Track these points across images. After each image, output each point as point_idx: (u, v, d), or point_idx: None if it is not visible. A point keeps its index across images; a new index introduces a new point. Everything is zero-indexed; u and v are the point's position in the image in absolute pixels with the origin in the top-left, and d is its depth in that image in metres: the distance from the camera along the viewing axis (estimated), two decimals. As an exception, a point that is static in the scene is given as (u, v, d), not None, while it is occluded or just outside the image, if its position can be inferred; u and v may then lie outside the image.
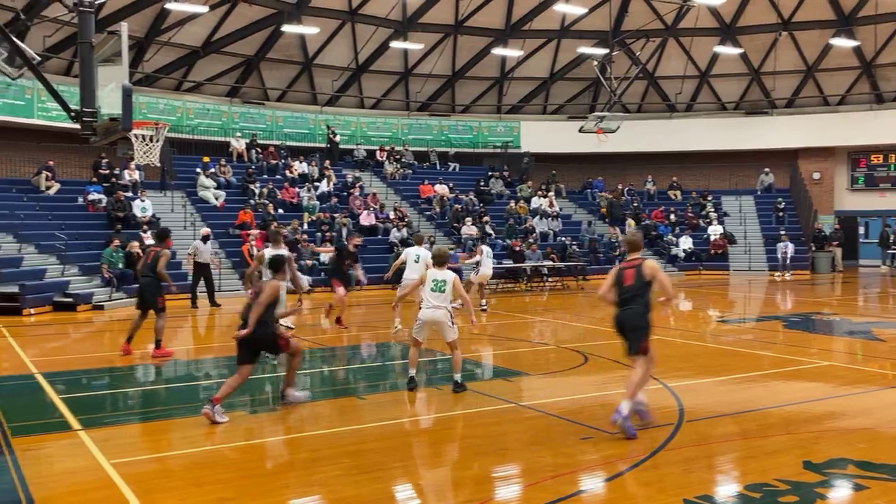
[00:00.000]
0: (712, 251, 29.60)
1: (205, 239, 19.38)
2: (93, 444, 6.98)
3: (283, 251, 10.99)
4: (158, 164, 13.88)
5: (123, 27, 8.42)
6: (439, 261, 9.45)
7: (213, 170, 26.47)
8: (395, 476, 6.26)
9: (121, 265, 19.64)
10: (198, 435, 7.48)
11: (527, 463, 6.60)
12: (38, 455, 6.82)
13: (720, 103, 34.77)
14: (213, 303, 19.01)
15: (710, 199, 32.74)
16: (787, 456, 6.57)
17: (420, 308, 9.38)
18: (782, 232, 29.45)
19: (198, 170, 26.09)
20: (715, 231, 30.24)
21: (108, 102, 8.90)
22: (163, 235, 12.28)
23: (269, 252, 11.07)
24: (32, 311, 17.12)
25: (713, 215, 31.36)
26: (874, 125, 31.42)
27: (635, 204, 32.41)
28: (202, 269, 19.02)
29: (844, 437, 7.16)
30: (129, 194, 23.68)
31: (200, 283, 19.10)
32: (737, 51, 31.73)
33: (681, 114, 35.01)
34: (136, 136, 10.67)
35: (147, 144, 10.52)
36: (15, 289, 17.18)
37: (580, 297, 21.87)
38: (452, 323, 9.13)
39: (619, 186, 33.53)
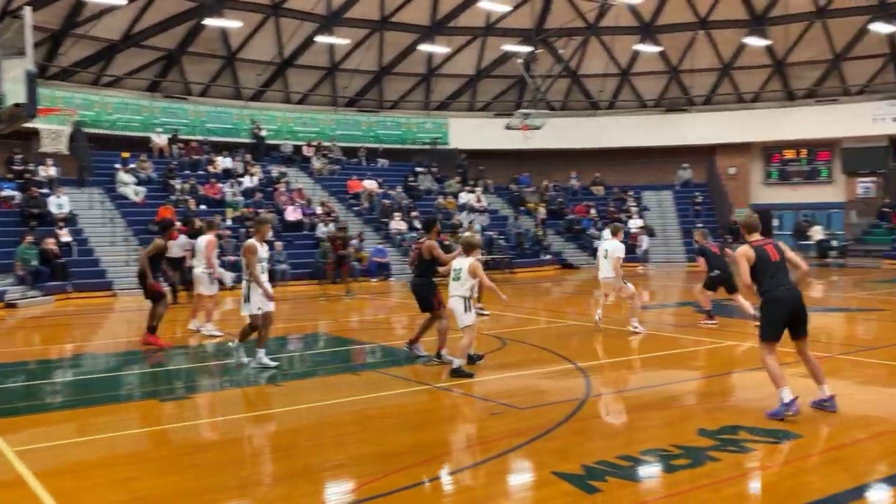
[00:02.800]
0: (631, 243, 30.32)
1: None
2: (-3, 433, 6.84)
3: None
4: (67, 153, 13.51)
5: (27, 11, 8.26)
6: (465, 249, 9.59)
7: (132, 165, 25.89)
8: (307, 454, 6.33)
9: (35, 262, 19.07)
10: (111, 422, 7.40)
11: (441, 437, 6.78)
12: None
13: (641, 101, 35.67)
14: (174, 299, 17.81)
15: (631, 194, 33.57)
16: (684, 425, 6.89)
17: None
18: (699, 225, 30.39)
19: (117, 165, 25.48)
20: (635, 224, 31.02)
21: (13, 87, 8.70)
22: (164, 227, 12.60)
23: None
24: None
25: (634, 209, 32.16)
26: (786, 121, 32.69)
27: (560, 199, 33.00)
28: (173, 264, 17.70)
29: (742, 408, 7.53)
30: (45, 191, 22.98)
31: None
32: (656, 49, 32.61)
33: (603, 111, 35.78)
34: (43, 123, 10.42)
35: (55, 132, 10.30)
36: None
37: (507, 289, 22.14)
38: (468, 309, 9.24)
39: (545, 182, 34.09)
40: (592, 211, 32.10)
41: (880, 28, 28.52)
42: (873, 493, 5.27)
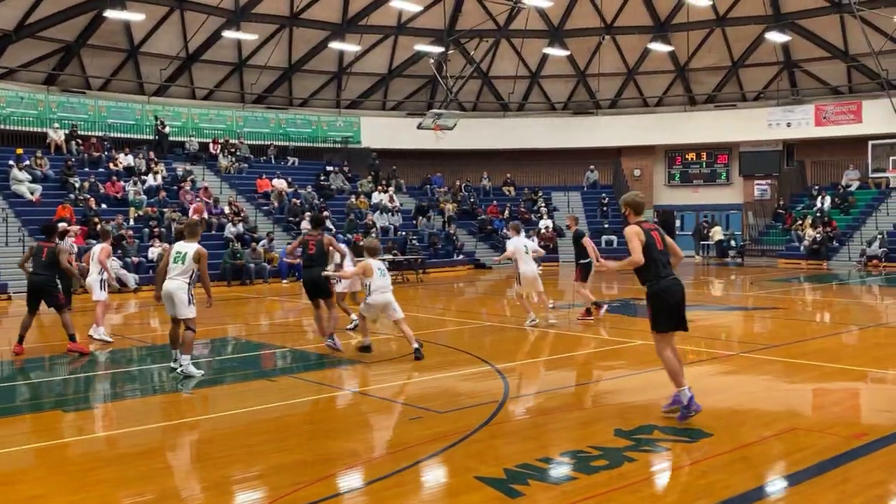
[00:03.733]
0: (542, 244, 30.82)
1: (61, 236, 17.79)
2: None
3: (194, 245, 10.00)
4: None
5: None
6: (369, 252, 10.67)
7: (27, 162, 24.68)
8: (223, 465, 6.15)
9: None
10: (8, 435, 7.01)
11: (361, 444, 6.69)
12: None
13: (550, 103, 36.32)
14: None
15: (541, 194, 34.15)
16: (600, 425, 7.04)
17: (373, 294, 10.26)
18: (606, 225, 31.28)
19: (11, 162, 24.22)
20: (545, 225, 31.56)
21: None
22: (51, 230, 11.67)
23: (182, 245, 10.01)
24: None
25: (544, 210, 32.71)
26: (688, 125, 33.91)
27: (472, 199, 33.26)
28: None
29: (654, 408, 7.72)
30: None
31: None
32: (564, 53, 33.27)
33: (514, 113, 36.27)
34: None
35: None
36: None
37: (420, 290, 22.21)
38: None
39: (457, 182, 34.29)
40: (505, 211, 32.47)
41: (775, 37, 29.91)
42: (778, 489, 5.50)
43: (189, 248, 9.49)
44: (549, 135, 34.58)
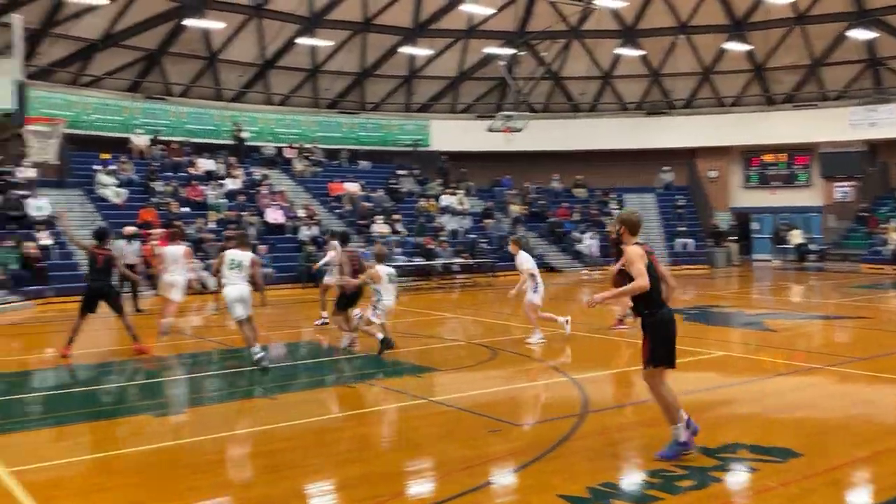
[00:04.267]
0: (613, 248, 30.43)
1: (129, 239, 18.41)
2: (-12, 453, 6.70)
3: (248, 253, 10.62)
4: (57, 163, 13.39)
5: (16, 19, 8.10)
6: (377, 258, 11.57)
7: (113, 167, 25.59)
8: (306, 474, 6.26)
9: (15, 266, 18.76)
10: (105, 439, 7.29)
11: (437, 456, 6.71)
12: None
13: (622, 103, 35.84)
14: (136, 308, 17.03)
15: (613, 196, 33.71)
16: (685, 442, 6.89)
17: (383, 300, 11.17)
18: (682, 228, 30.69)
19: (96, 167, 25.16)
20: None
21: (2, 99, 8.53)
22: (103, 235, 12.09)
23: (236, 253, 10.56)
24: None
25: (616, 212, 32.26)
26: (765, 125, 32.99)
27: (542, 202, 33.08)
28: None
29: (738, 423, 7.55)
30: (24, 192, 22.59)
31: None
32: (638, 52, 32.78)
33: (585, 113, 35.91)
34: (31, 132, 10.26)
35: (43, 142, 10.17)
36: None
37: (490, 294, 22.20)
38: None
39: (526, 184, 34.16)
40: (575, 214, 32.18)
41: (859, 34, 28.87)
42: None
43: (245, 256, 10.44)
44: (621, 135, 34.11)
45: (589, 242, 29.84)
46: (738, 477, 5.99)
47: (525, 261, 12.63)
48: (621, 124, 34.78)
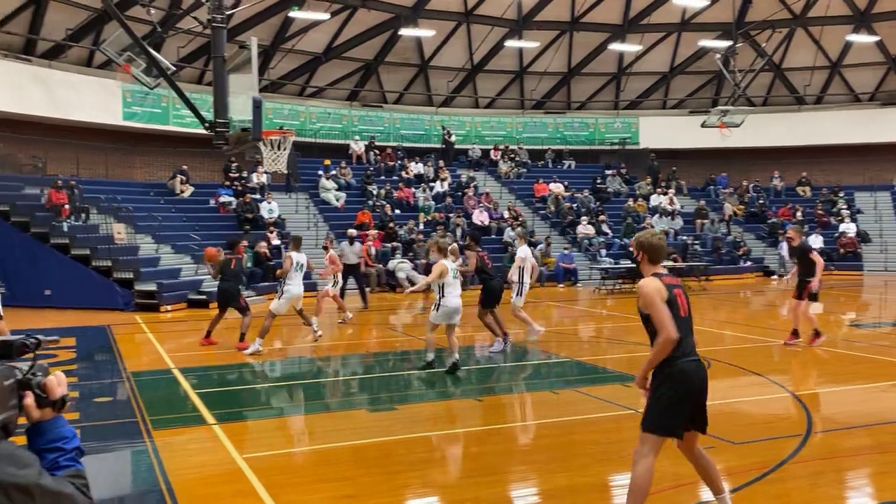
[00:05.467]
0: (842, 250, 28.08)
1: (351, 240, 19.24)
2: (226, 438, 7.37)
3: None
4: (286, 171, 14.66)
5: (253, 42, 8.84)
6: (438, 251, 10.69)
7: (333, 172, 27.30)
8: (514, 480, 6.32)
9: (250, 264, 20.53)
10: (324, 431, 7.78)
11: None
12: (175, 447, 7.26)
13: (853, 94, 32.94)
14: (364, 304, 18.46)
15: (841, 195, 31.08)
16: (928, 474, 6.22)
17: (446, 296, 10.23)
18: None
19: (319, 172, 26.97)
20: (848, 229, 28.65)
21: (238, 109, 9.36)
22: (234, 244, 13.85)
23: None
24: (169, 307, 18.18)
25: (845, 212, 29.72)
26: None
27: (761, 201, 31.19)
28: (350, 271, 18.45)
29: None
30: (257, 196, 24.72)
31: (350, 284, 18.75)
32: (872, 39, 29.99)
33: (810, 106, 33.39)
34: (264, 144, 11.20)
35: (275, 152, 11.07)
36: (153, 287, 18.32)
37: (703, 299, 21.24)
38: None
39: (744, 183, 32.34)
40: (798, 214, 30.02)
41: None
42: None
43: (304, 258, 12.61)
44: (851, 129, 31.34)
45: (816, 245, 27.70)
46: None
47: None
48: (851, 116, 31.96)
